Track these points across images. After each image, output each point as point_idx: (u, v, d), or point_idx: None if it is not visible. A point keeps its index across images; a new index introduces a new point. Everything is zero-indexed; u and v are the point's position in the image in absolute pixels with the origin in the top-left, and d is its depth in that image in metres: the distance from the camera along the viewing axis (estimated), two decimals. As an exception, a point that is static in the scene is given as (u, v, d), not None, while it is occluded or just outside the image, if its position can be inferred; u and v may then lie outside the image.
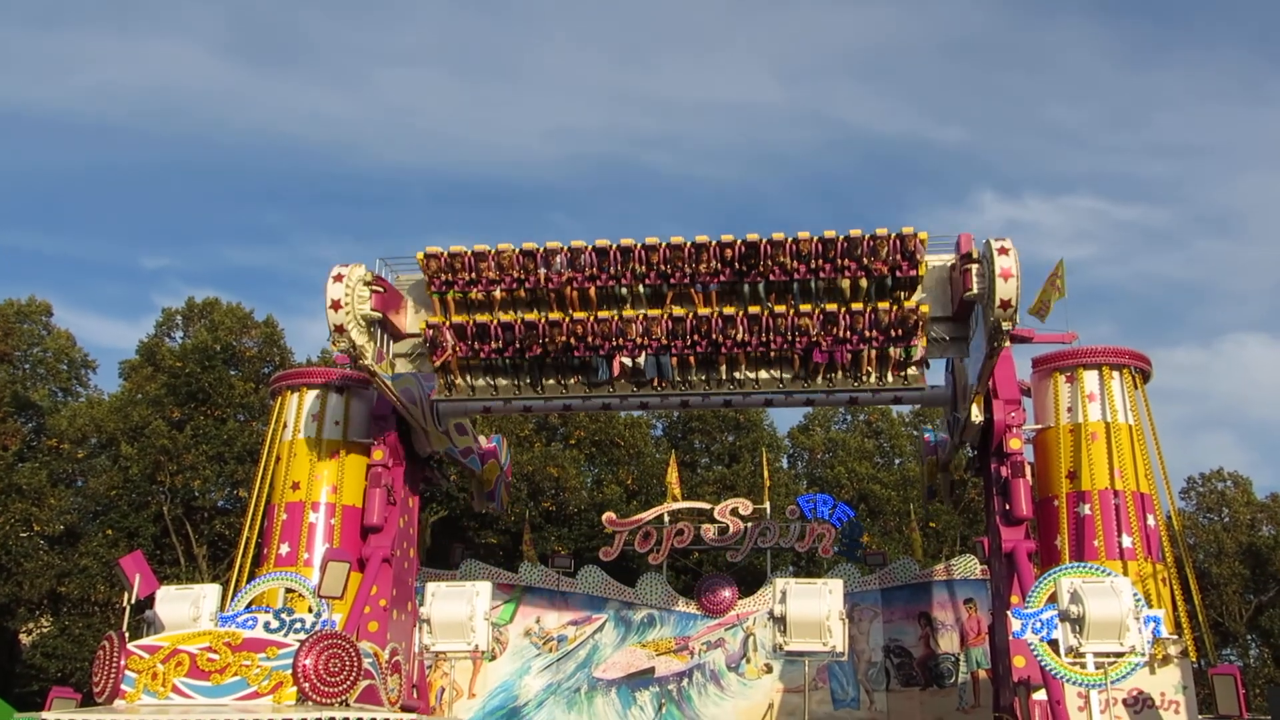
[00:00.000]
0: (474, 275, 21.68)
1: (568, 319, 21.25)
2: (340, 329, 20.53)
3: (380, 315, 21.30)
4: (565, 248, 21.33)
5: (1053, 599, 17.31)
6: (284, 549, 24.34)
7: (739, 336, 20.99)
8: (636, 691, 29.23)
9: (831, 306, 20.89)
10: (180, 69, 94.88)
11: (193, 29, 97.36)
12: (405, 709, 18.51)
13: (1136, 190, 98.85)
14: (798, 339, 21.04)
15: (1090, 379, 23.48)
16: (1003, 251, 19.36)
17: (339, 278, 20.69)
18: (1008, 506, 22.25)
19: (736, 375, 21.71)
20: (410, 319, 22.87)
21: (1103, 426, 23.05)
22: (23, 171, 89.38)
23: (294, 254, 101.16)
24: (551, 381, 22.20)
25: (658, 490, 38.19)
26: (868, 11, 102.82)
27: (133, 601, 19.12)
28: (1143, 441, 23.33)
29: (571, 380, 22.04)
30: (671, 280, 21.24)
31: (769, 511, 31.46)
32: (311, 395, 25.61)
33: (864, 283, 21.11)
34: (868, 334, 20.86)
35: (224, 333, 41.20)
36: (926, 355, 21.57)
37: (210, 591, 20.09)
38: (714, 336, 20.99)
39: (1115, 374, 23.59)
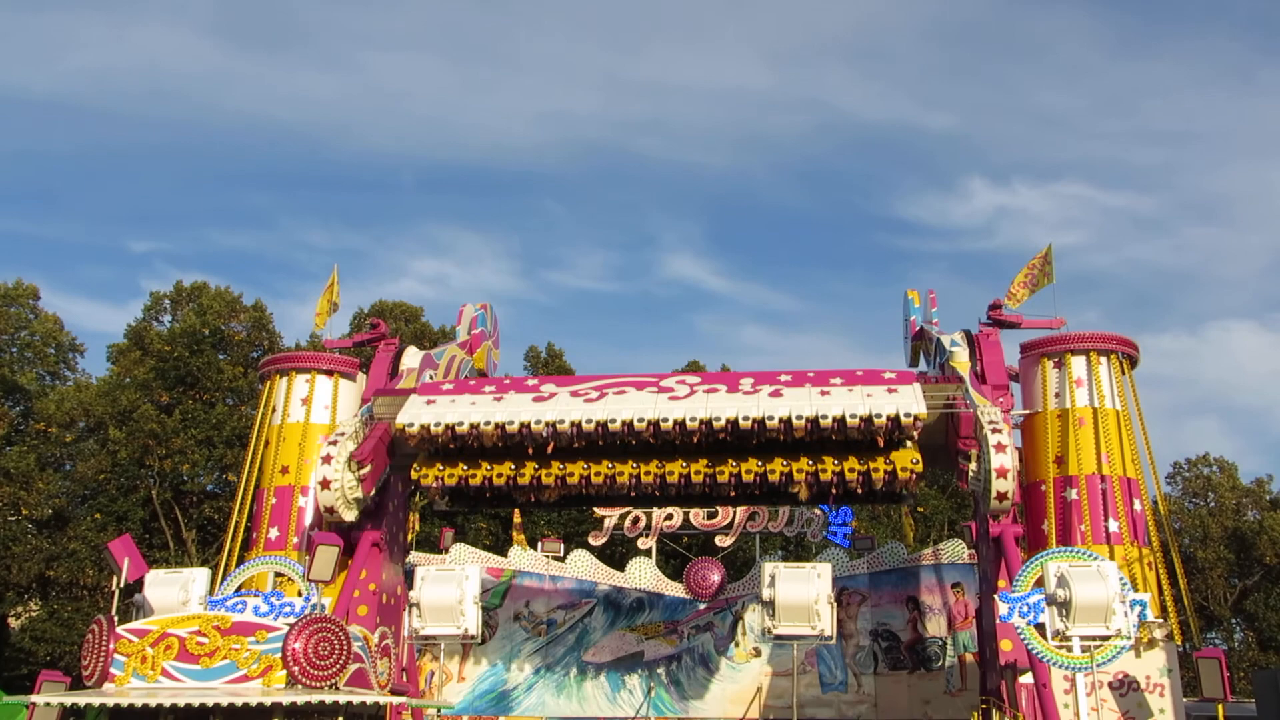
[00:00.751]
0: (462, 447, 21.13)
1: (559, 472, 20.82)
2: (330, 509, 20.83)
3: (368, 499, 21.59)
4: (545, 423, 20.46)
5: (1039, 583, 17.40)
6: (273, 533, 24.34)
7: (728, 492, 21.18)
8: (626, 675, 29.34)
9: (826, 462, 20.43)
10: (169, 52, 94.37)
11: (182, 12, 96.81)
12: (395, 692, 18.51)
13: (1125, 177, 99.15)
14: (789, 487, 20.99)
15: (1078, 364, 23.56)
16: (999, 449, 19.40)
17: (328, 459, 20.67)
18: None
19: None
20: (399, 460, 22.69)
21: (1090, 412, 23.15)
22: (10, 155, 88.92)
23: (283, 238, 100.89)
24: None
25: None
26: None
27: (122, 585, 19.09)
28: (1129, 427, 23.43)
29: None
30: (670, 441, 20.59)
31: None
32: (300, 379, 25.58)
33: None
34: (858, 491, 21.14)
35: (212, 317, 41.08)
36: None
37: (199, 575, 20.07)
38: (705, 488, 20.96)
39: (1103, 359, 23.68)
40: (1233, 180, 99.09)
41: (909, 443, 20.51)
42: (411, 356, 25.17)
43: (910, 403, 19.95)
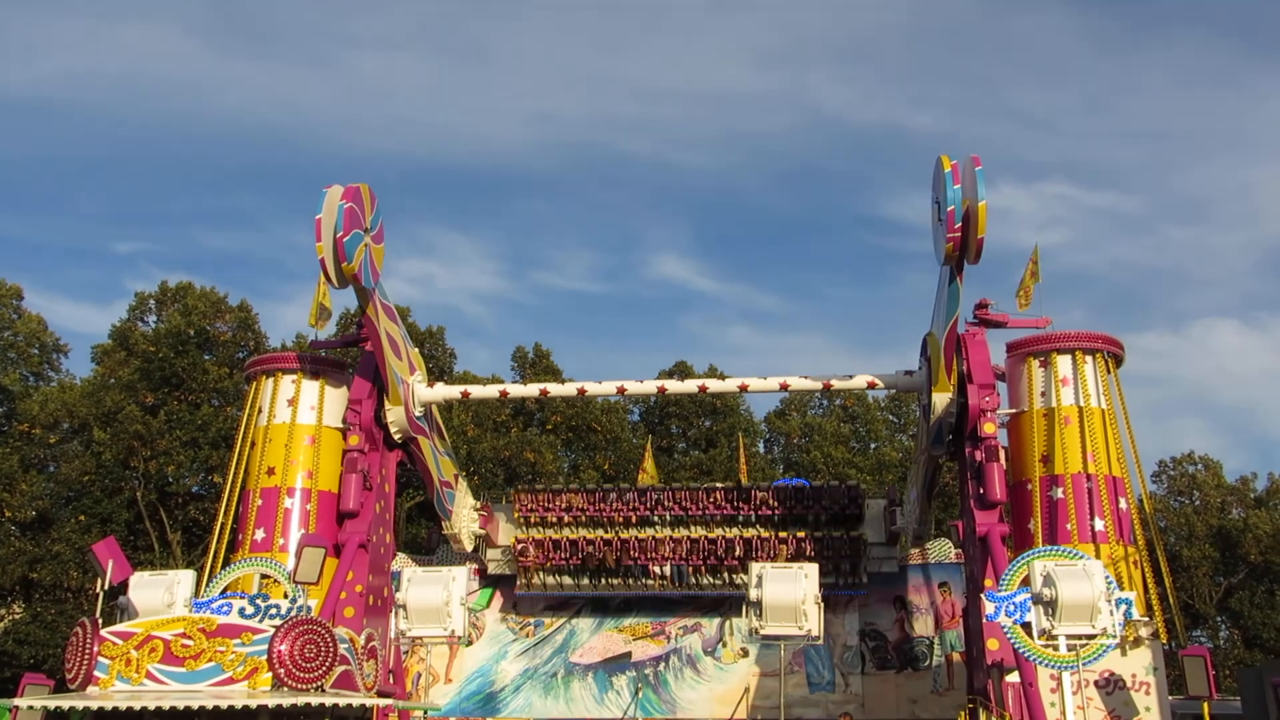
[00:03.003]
0: (549, 506, 29.45)
1: (617, 538, 28.84)
2: (455, 538, 28.16)
3: (484, 532, 28.99)
4: (616, 487, 30.07)
5: (1026, 582, 17.44)
6: (259, 534, 24.22)
7: (735, 553, 28.36)
8: (613, 676, 29.29)
9: (800, 534, 28.42)
10: (154, 52, 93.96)
11: (166, 12, 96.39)
12: (381, 694, 18.47)
13: (1108, 177, 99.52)
14: (778, 549, 28.31)
15: (1064, 363, 23.62)
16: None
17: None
18: (981, 490, 22.40)
19: (733, 578, 28.46)
20: (501, 531, 29.92)
21: (1076, 411, 23.21)
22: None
23: (268, 238, 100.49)
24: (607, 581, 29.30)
25: (635, 475, 38.23)
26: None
27: (106, 588, 18.97)
28: (1115, 425, 23.51)
29: (618, 580, 29.28)
30: (690, 511, 29.16)
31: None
32: (287, 380, 25.47)
33: (822, 517, 28.90)
34: (825, 554, 27.93)
35: (198, 317, 40.89)
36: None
37: (184, 577, 19.94)
38: (718, 552, 28.60)
39: (1088, 358, 23.74)
40: (1215, 179, 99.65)
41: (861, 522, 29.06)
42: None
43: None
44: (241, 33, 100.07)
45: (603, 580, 29.22)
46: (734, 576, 28.43)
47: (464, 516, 28.50)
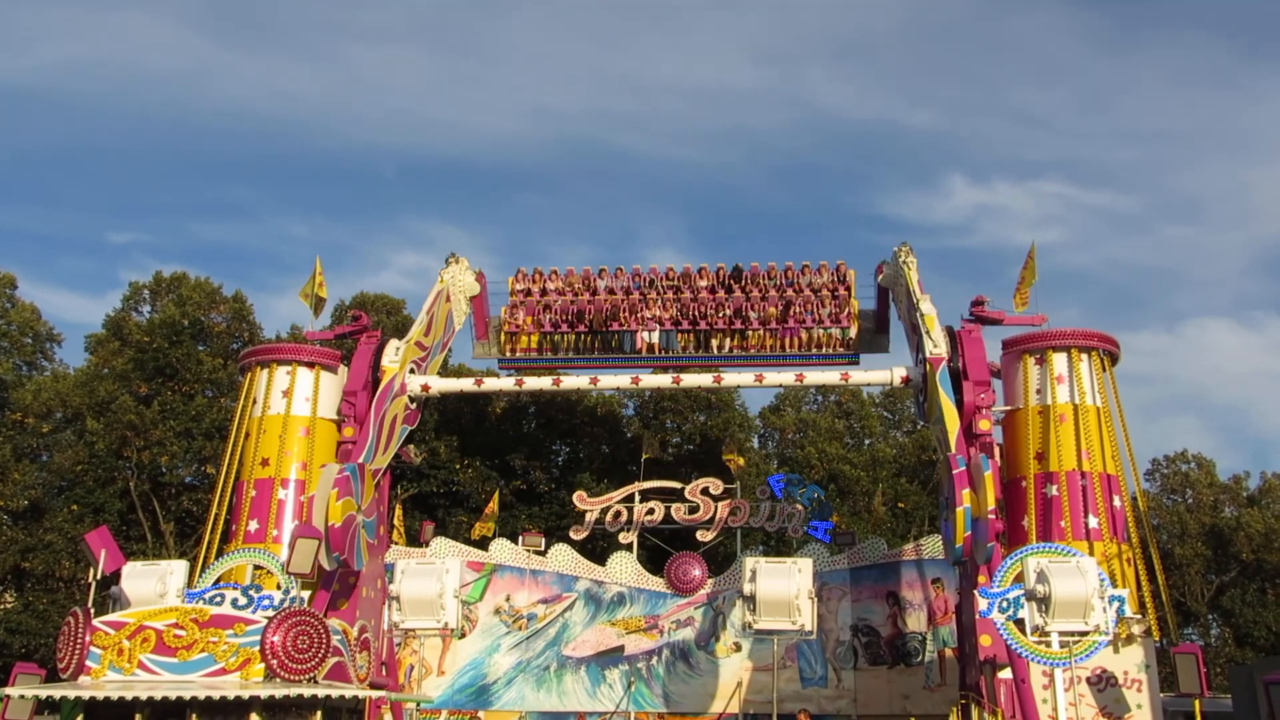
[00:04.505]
0: (543, 286, 28.84)
1: (608, 298, 28.33)
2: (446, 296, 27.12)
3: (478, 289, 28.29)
4: (605, 268, 29.14)
5: (1019, 578, 17.48)
6: (253, 525, 24.23)
7: (724, 317, 27.33)
8: (606, 669, 29.30)
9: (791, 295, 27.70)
10: (150, 43, 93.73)
11: (163, 2, 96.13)
12: (374, 686, 18.45)
13: (1104, 176, 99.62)
14: (767, 323, 27.27)
15: (1059, 361, 23.66)
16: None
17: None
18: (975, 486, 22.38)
19: (718, 345, 27.51)
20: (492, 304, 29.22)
21: (1071, 408, 23.25)
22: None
23: (263, 230, 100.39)
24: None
25: (629, 470, 38.22)
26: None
27: (98, 577, 18.95)
28: (1110, 423, 23.55)
29: (604, 349, 28.07)
30: (681, 293, 28.35)
31: (739, 491, 31.56)
32: (281, 371, 25.46)
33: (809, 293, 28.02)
34: (813, 317, 27.32)
35: (192, 308, 40.77)
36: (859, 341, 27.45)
37: (177, 568, 19.96)
38: (708, 318, 27.56)
39: (1084, 356, 23.78)
40: (1211, 179, 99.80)
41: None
42: (393, 349, 25.01)
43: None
44: (238, 24, 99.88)
45: (594, 342, 28.23)
46: (724, 342, 27.75)
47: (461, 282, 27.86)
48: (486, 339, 29.14)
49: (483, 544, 31.73)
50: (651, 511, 31.05)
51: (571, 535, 31.48)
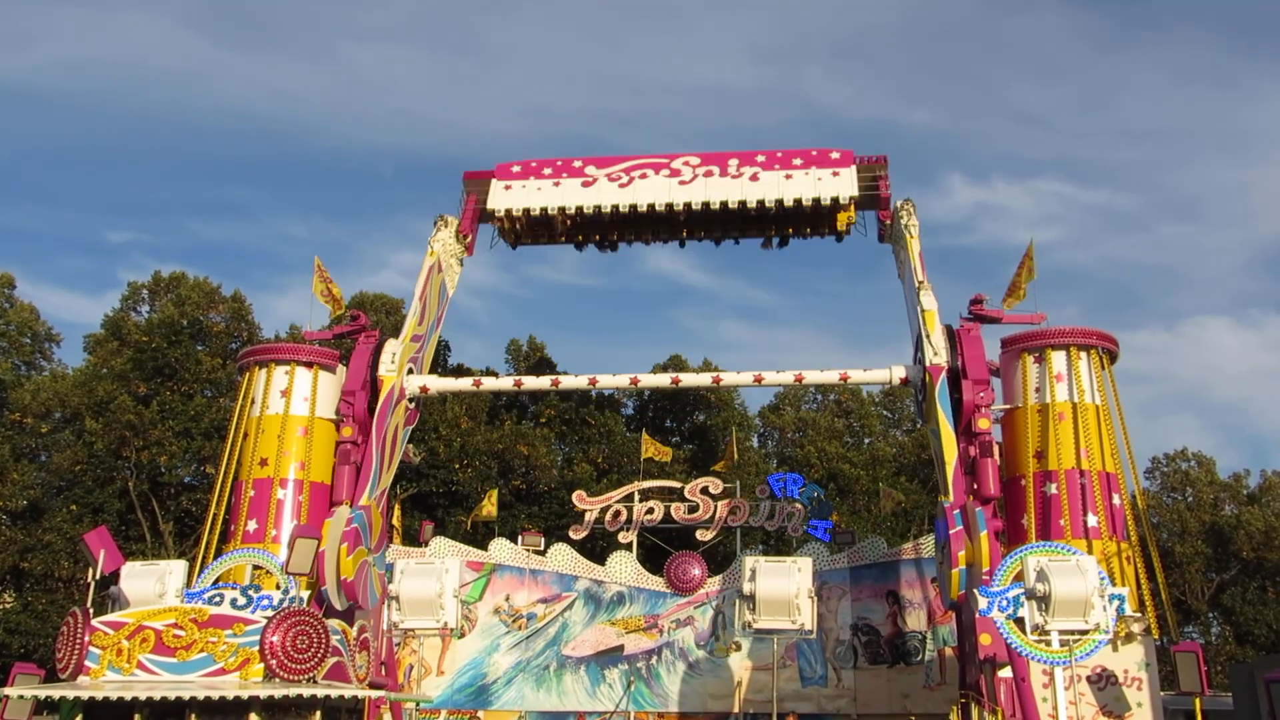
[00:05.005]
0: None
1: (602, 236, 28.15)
2: (438, 264, 26.82)
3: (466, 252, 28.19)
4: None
5: (1019, 577, 17.46)
6: (251, 525, 24.18)
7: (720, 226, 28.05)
8: (605, 669, 29.28)
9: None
10: (150, 42, 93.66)
11: (163, 2, 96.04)
12: (373, 686, 18.41)
13: (1103, 174, 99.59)
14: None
15: (1058, 359, 23.62)
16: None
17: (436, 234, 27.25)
18: (976, 486, 22.39)
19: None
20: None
21: (1070, 407, 23.21)
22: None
23: (262, 229, 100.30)
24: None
25: (628, 469, 38.20)
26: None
27: (97, 577, 18.90)
28: (1109, 422, 23.51)
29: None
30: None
31: (739, 490, 31.54)
32: (280, 371, 25.41)
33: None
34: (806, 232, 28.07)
35: (191, 307, 40.75)
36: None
37: (176, 568, 19.91)
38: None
39: (1083, 355, 23.74)
40: (1209, 178, 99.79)
41: (844, 212, 27.44)
42: (389, 357, 24.93)
43: (847, 186, 27.05)
44: (237, 24, 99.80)
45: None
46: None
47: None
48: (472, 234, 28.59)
49: (483, 542, 31.71)
50: (651, 511, 31.04)
51: (571, 535, 31.46)
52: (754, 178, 27.72)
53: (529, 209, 27.46)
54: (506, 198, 27.73)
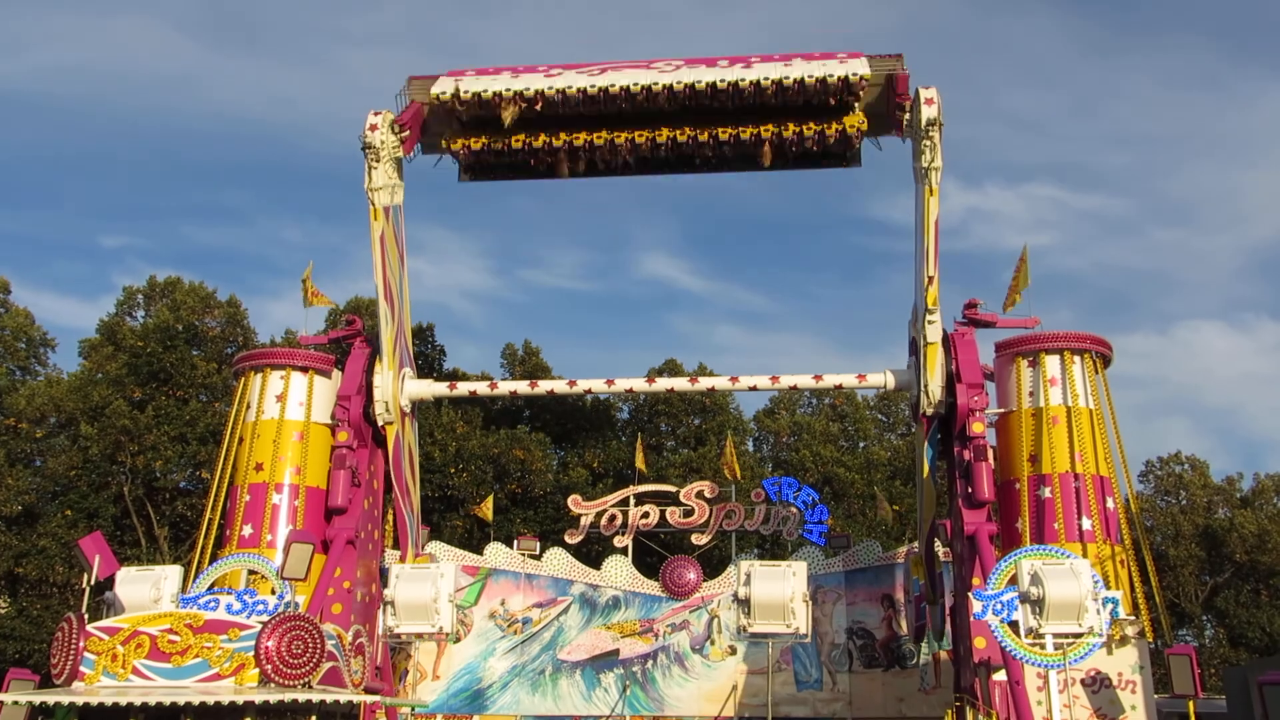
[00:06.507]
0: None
1: (568, 138, 25.28)
2: (374, 152, 24.46)
3: (407, 158, 25.66)
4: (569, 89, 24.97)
5: (1013, 581, 17.50)
6: (247, 530, 24.17)
7: (707, 154, 25.61)
8: (601, 673, 29.30)
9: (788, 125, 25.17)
10: (144, 47, 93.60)
11: (157, 7, 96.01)
12: (369, 691, 18.44)
13: (1095, 179, 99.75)
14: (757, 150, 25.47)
15: (1052, 363, 23.70)
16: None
17: (374, 127, 24.51)
18: (970, 489, 22.47)
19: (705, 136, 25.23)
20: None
21: (1064, 410, 23.29)
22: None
23: (257, 234, 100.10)
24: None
25: (624, 473, 38.21)
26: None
27: (92, 583, 18.90)
28: (1103, 425, 23.60)
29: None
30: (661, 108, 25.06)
31: (734, 494, 31.57)
32: (275, 376, 25.42)
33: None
34: (814, 150, 25.69)
35: (186, 312, 40.70)
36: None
37: (171, 573, 19.90)
38: (689, 148, 25.49)
39: (1077, 359, 23.83)
40: (1201, 183, 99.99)
41: (856, 106, 25.12)
42: (383, 406, 25.40)
43: (859, 67, 24.64)
44: (231, 28, 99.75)
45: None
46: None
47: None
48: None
49: (478, 546, 31.72)
50: (646, 515, 31.07)
51: (566, 539, 31.49)
52: (747, 65, 25.00)
53: (479, 92, 24.79)
54: (453, 83, 25.19)
